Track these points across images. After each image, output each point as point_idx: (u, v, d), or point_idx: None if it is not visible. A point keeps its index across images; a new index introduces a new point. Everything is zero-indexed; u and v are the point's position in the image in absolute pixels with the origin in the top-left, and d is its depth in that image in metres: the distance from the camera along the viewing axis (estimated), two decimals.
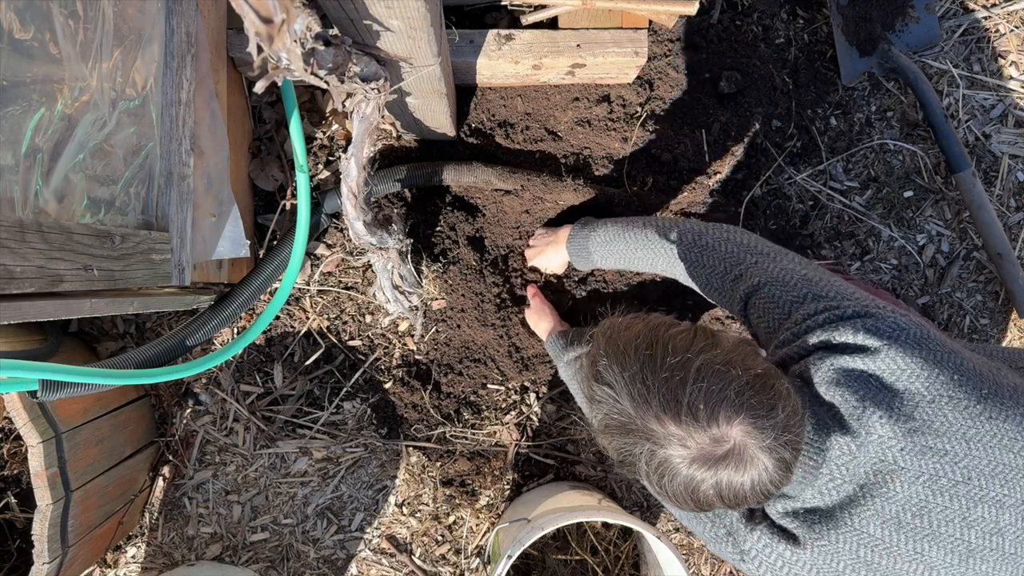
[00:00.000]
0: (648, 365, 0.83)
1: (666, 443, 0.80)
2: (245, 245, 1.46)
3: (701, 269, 1.16)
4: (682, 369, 0.81)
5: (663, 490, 0.84)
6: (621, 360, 0.86)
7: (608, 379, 0.86)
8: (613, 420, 0.86)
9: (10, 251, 0.90)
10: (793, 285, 1.02)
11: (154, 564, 1.74)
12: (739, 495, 0.81)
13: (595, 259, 1.39)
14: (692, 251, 1.18)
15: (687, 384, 0.80)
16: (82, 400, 1.43)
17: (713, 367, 0.81)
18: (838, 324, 0.93)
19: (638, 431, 0.82)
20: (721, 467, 0.79)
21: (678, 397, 0.79)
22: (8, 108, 0.95)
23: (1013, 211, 1.80)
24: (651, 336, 0.87)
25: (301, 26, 0.88)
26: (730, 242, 1.15)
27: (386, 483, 1.75)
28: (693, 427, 0.78)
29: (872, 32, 1.74)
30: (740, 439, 0.78)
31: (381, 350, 1.72)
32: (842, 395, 0.90)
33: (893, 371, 0.89)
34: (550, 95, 1.64)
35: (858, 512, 0.89)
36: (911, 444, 0.86)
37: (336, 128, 1.69)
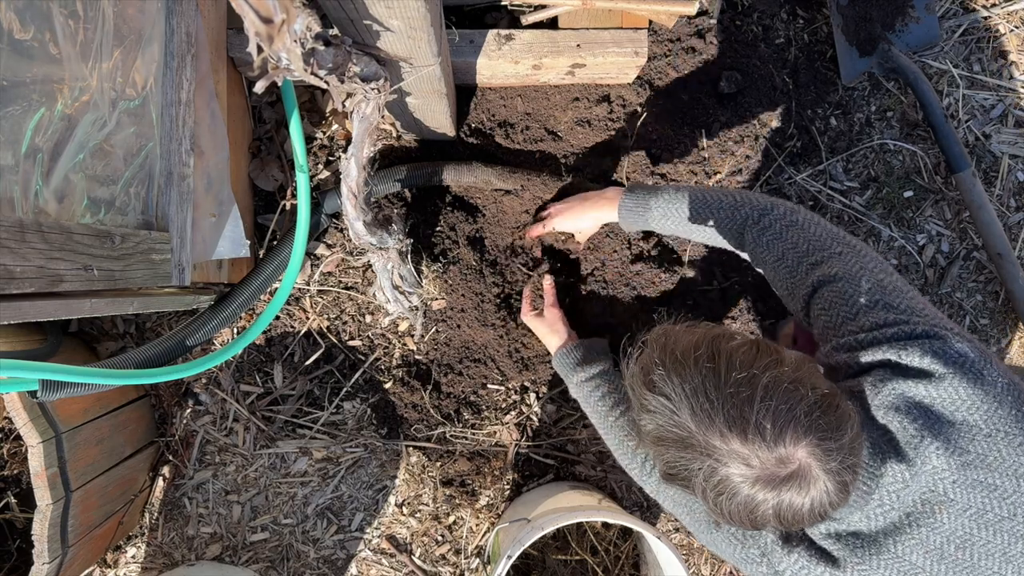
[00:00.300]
0: (711, 379, 0.81)
1: (728, 461, 0.78)
2: (245, 245, 1.46)
3: (781, 244, 1.11)
4: (749, 386, 0.79)
5: (718, 508, 0.82)
6: (680, 371, 0.84)
7: (665, 390, 0.84)
8: (669, 433, 0.83)
9: (10, 251, 0.90)
10: (868, 288, 0.99)
11: (154, 564, 1.74)
12: (797, 516, 0.80)
13: (653, 218, 1.31)
14: (779, 223, 1.13)
15: (754, 402, 0.78)
16: (82, 400, 1.43)
17: (781, 385, 0.79)
18: (906, 343, 0.92)
19: (698, 447, 0.80)
20: (784, 488, 0.78)
21: (745, 415, 0.77)
22: (8, 108, 0.95)
23: (1013, 211, 1.80)
24: (712, 348, 0.84)
25: (301, 26, 0.88)
26: (820, 225, 1.12)
27: (386, 483, 1.75)
28: (759, 446, 0.77)
29: (872, 32, 1.74)
30: (805, 460, 0.77)
31: (381, 350, 1.72)
32: (900, 422, 0.89)
33: (954, 401, 0.88)
34: (550, 95, 1.64)
35: (902, 540, 0.88)
36: (963, 477, 0.86)
37: (336, 128, 1.69)
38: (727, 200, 1.21)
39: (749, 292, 1.73)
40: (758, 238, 1.15)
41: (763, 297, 1.73)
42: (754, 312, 1.73)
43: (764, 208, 1.16)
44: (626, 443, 1.25)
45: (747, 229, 1.17)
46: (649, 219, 1.32)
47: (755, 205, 1.17)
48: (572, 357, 1.39)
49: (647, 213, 1.31)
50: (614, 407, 1.29)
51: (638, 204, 1.33)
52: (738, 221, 1.18)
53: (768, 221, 1.14)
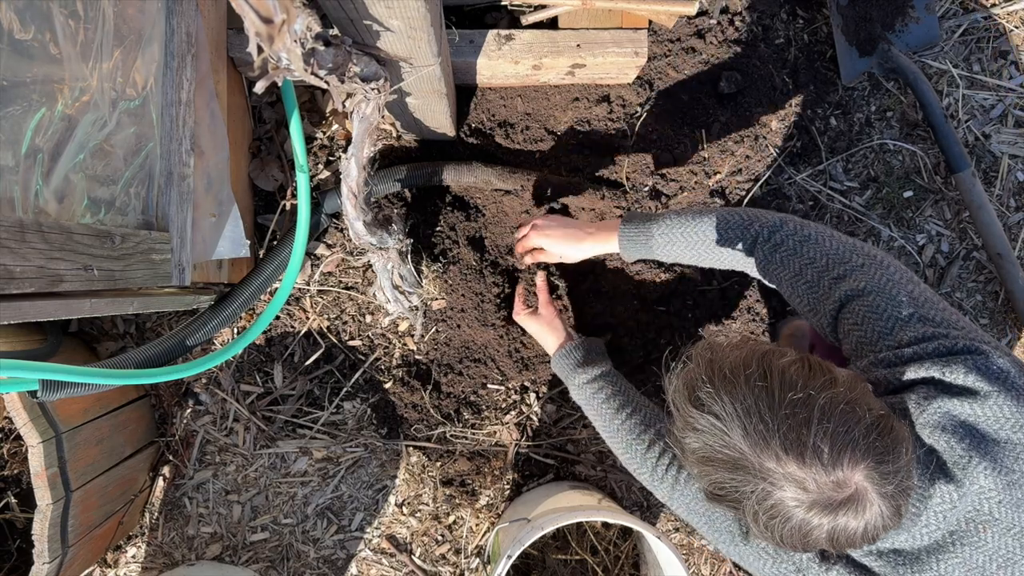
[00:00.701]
0: (764, 399, 0.78)
1: (784, 484, 0.76)
2: (245, 245, 1.46)
3: (797, 260, 1.09)
4: (805, 407, 0.77)
5: (770, 531, 0.80)
6: (730, 390, 0.81)
7: (714, 409, 0.81)
8: (719, 454, 0.81)
9: (10, 251, 0.90)
10: (900, 301, 0.97)
11: (154, 564, 1.74)
12: (851, 540, 0.78)
13: (657, 245, 1.26)
14: (791, 239, 1.10)
15: (812, 424, 0.75)
16: (82, 400, 1.43)
17: (838, 406, 0.77)
18: (949, 360, 0.90)
19: (751, 469, 0.78)
20: (840, 512, 0.76)
21: (802, 438, 0.75)
22: (8, 108, 0.95)
23: (1013, 211, 1.80)
24: (764, 366, 0.82)
25: (301, 26, 0.88)
26: (834, 238, 1.09)
27: (386, 483, 1.75)
28: (816, 470, 0.75)
29: (872, 32, 1.74)
30: (862, 484, 0.75)
31: (381, 350, 1.72)
32: (947, 442, 0.88)
33: (998, 419, 0.87)
34: (550, 95, 1.64)
35: (945, 558, 0.87)
36: (1008, 497, 0.85)
37: (336, 128, 1.69)
38: (733, 219, 1.17)
39: (749, 292, 1.73)
40: (770, 255, 1.12)
41: (763, 297, 1.73)
42: (754, 312, 1.73)
43: (774, 225, 1.13)
44: (634, 447, 1.21)
45: (758, 247, 1.14)
46: (653, 246, 1.27)
47: (764, 222, 1.14)
48: (572, 358, 1.35)
49: (650, 241, 1.27)
50: (620, 409, 1.25)
51: (640, 232, 1.28)
52: (748, 240, 1.15)
53: (780, 237, 1.11)
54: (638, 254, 1.32)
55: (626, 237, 1.30)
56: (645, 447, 1.19)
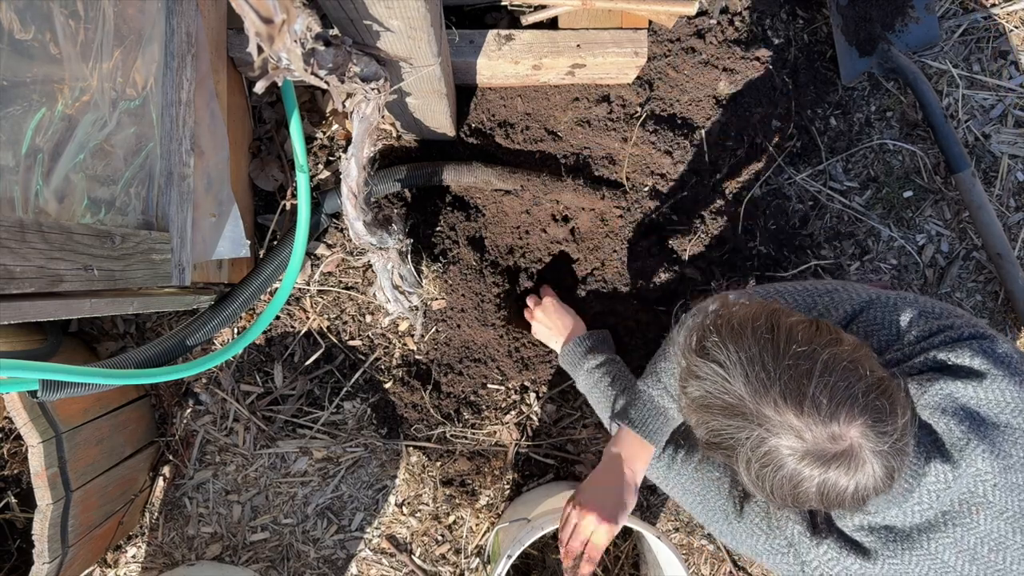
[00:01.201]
0: (769, 350, 0.80)
1: (780, 432, 0.77)
2: (245, 245, 1.46)
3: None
4: (808, 359, 0.78)
5: (760, 480, 0.81)
6: (737, 339, 0.82)
7: (719, 357, 0.82)
8: (717, 400, 0.82)
9: (10, 251, 0.90)
10: (894, 306, 0.98)
11: (154, 564, 1.74)
12: (840, 497, 0.79)
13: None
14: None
15: (813, 376, 0.77)
16: (82, 400, 1.43)
17: (840, 363, 0.78)
18: (954, 345, 0.91)
19: (750, 415, 0.79)
20: (832, 466, 0.77)
21: (802, 388, 0.76)
22: (8, 108, 0.95)
23: (1012, 211, 1.80)
24: (772, 320, 0.83)
25: (301, 26, 0.88)
26: (796, 287, 1.10)
27: (386, 483, 1.75)
28: (813, 420, 0.76)
29: (872, 32, 1.74)
30: (857, 440, 0.76)
31: (381, 350, 1.72)
32: (947, 423, 0.88)
33: (999, 403, 0.87)
34: (550, 95, 1.64)
35: (936, 537, 0.88)
36: (1004, 480, 0.86)
37: (336, 128, 1.69)
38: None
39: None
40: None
41: None
42: None
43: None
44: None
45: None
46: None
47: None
48: (583, 346, 1.41)
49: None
50: (621, 394, 1.30)
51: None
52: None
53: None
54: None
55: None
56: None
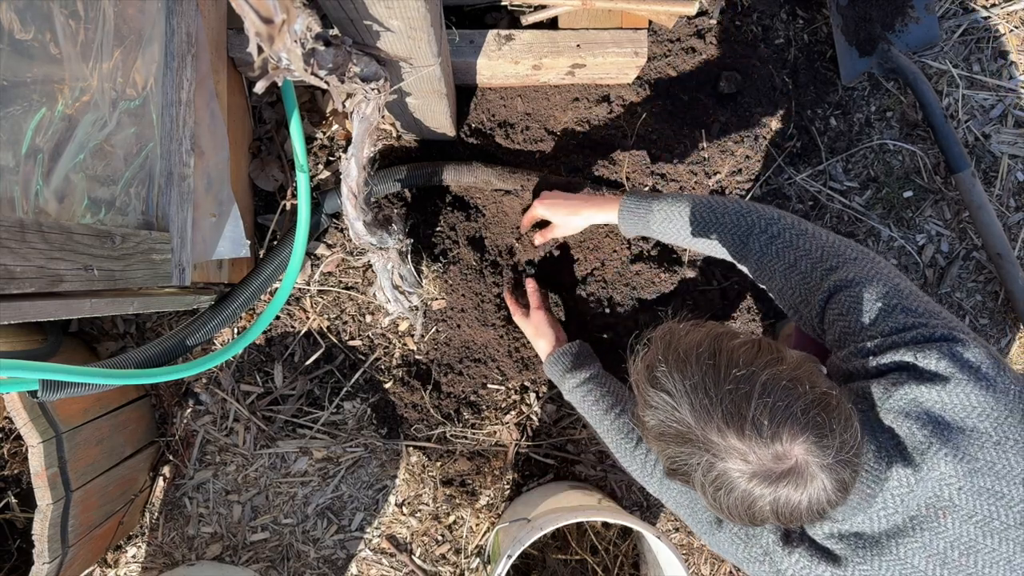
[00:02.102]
0: (711, 375, 0.82)
1: (726, 456, 0.79)
2: (245, 245, 1.46)
3: (793, 252, 1.11)
4: (747, 382, 0.80)
5: (717, 503, 0.83)
6: (682, 368, 0.85)
7: (667, 386, 0.85)
8: (670, 428, 0.85)
9: (10, 251, 0.90)
10: (885, 292, 0.99)
11: (154, 564, 1.74)
12: (795, 513, 0.80)
13: (655, 221, 1.29)
14: (789, 232, 1.13)
15: (752, 398, 0.79)
16: (82, 400, 1.43)
17: (780, 382, 0.80)
18: (924, 346, 0.92)
19: (697, 442, 0.81)
20: (781, 484, 0.78)
21: (742, 411, 0.78)
22: (8, 108, 0.95)
23: (1012, 211, 1.80)
24: (714, 345, 0.85)
25: (301, 26, 0.88)
26: (830, 234, 1.12)
27: (386, 483, 1.75)
28: (756, 442, 0.77)
29: (872, 32, 1.74)
30: (802, 457, 0.77)
31: (381, 350, 1.72)
32: (910, 427, 0.89)
33: (965, 407, 0.88)
34: (550, 95, 1.64)
35: (905, 543, 0.88)
36: (970, 484, 0.86)
37: (336, 128, 1.69)
38: (732, 207, 1.20)
39: (749, 292, 1.73)
40: (767, 246, 1.14)
41: (763, 297, 1.73)
42: (754, 312, 1.73)
43: (772, 217, 1.16)
44: (624, 445, 1.26)
45: (753, 237, 1.16)
46: (651, 222, 1.30)
47: (762, 214, 1.17)
48: (561, 364, 1.38)
49: (648, 216, 1.30)
50: (608, 410, 1.29)
51: (639, 206, 1.31)
52: (743, 228, 1.17)
53: (777, 230, 1.14)
54: (635, 230, 1.35)
55: (626, 209, 1.33)
56: (633, 445, 1.24)
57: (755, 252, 1.16)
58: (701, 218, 1.22)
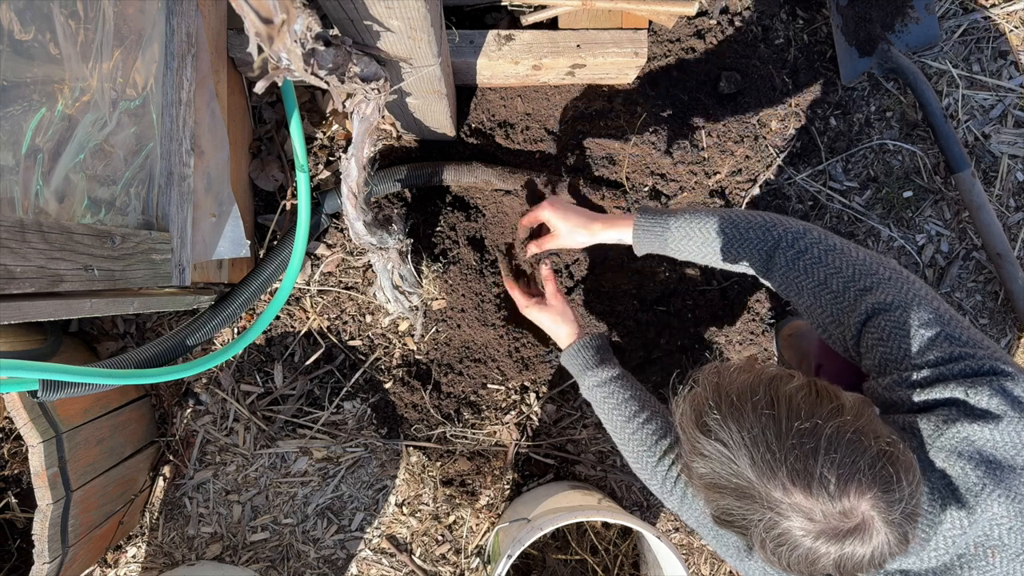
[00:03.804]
0: (772, 428, 0.79)
1: (790, 514, 0.77)
2: (245, 245, 1.46)
3: (822, 269, 1.06)
4: (812, 437, 0.77)
5: (776, 557, 0.81)
6: (738, 417, 0.81)
7: (722, 436, 0.82)
8: (727, 482, 0.82)
9: (10, 251, 0.90)
10: (927, 320, 0.96)
11: (154, 564, 1.74)
12: (858, 566, 0.79)
13: (672, 239, 1.23)
14: (816, 248, 1.08)
15: (819, 454, 0.76)
16: (82, 400, 1.43)
17: (844, 435, 0.77)
18: (974, 380, 0.90)
19: (758, 499, 0.79)
20: (847, 541, 0.76)
21: (809, 468, 0.76)
22: (8, 108, 0.95)
23: (1012, 211, 1.80)
24: (770, 392, 0.82)
25: (301, 26, 0.88)
26: (859, 250, 1.08)
27: (386, 483, 1.76)
28: (823, 500, 0.75)
29: (872, 32, 1.74)
30: (868, 513, 0.76)
31: (381, 350, 1.72)
32: (963, 468, 0.88)
33: (1016, 445, 0.87)
34: (550, 95, 1.64)
35: None
36: (1019, 524, 0.86)
37: (336, 128, 1.69)
38: (756, 221, 1.14)
39: (748, 292, 1.73)
40: (793, 262, 1.09)
41: (763, 297, 1.73)
42: (754, 312, 1.73)
43: (798, 231, 1.10)
44: (645, 457, 1.18)
45: (779, 252, 1.11)
46: (668, 240, 1.23)
47: (788, 227, 1.12)
48: (581, 357, 1.29)
49: (665, 233, 1.23)
50: (631, 418, 1.21)
51: (655, 224, 1.23)
52: (769, 243, 1.12)
53: (804, 244, 1.09)
54: (651, 247, 1.27)
55: (641, 228, 1.25)
56: (656, 459, 1.17)
57: (780, 268, 1.11)
58: (723, 234, 1.16)
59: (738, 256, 1.16)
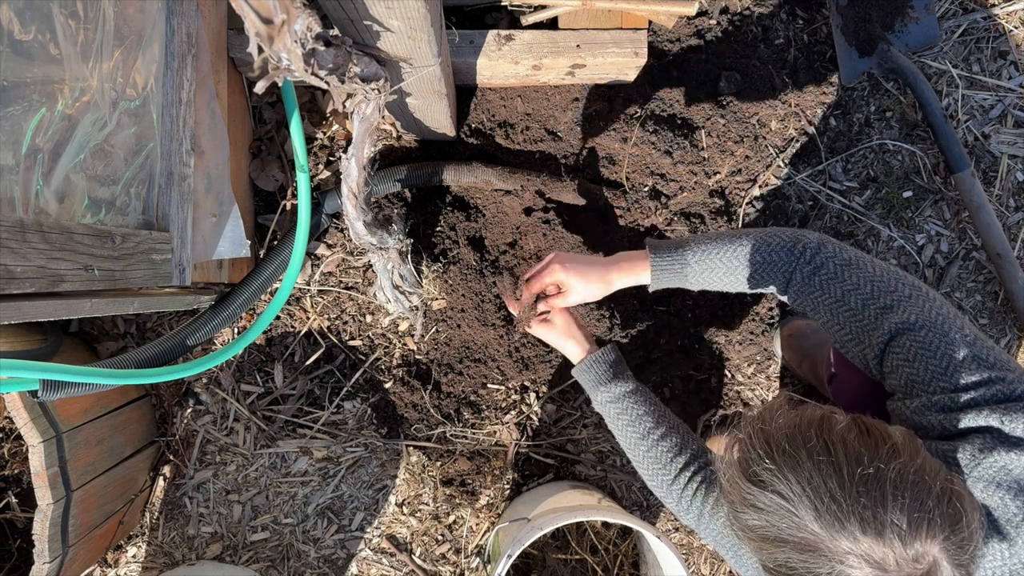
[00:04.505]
0: (834, 477, 0.77)
1: (861, 564, 0.75)
2: (245, 245, 1.46)
3: (838, 286, 1.04)
4: (877, 483, 0.75)
5: None
6: (794, 466, 0.79)
7: (779, 488, 0.79)
8: (787, 535, 0.79)
9: (11, 251, 0.90)
10: (954, 340, 0.94)
11: (154, 564, 1.74)
12: None
13: (693, 274, 1.18)
14: (832, 263, 1.05)
15: (887, 501, 0.74)
16: (82, 400, 1.43)
17: (907, 477, 0.76)
18: (1008, 407, 0.89)
19: (825, 552, 0.76)
20: None
21: (879, 517, 0.74)
22: (9, 108, 0.95)
23: (1012, 211, 1.80)
24: (823, 437, 0.80)
25: (301, 26, 0.88)
26: (875, 264, 1.05)
27: (386, 483, 1.76)
28: (894, 547, 0.74)
29: (872, 32, 1.74)
30: (937, 555, 0.74)
31: (381, 350, 1.72)
32: (1002, 498, 0.87)
33: None
34: (550, 95, 1.64)
35: None
36: None
37: (336, 128, 1.69)
38: (776, 242, 1.11)
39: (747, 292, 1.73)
40: (809, 278, 1.07)
41: (760, 298, 1.73)
42: (754, 312, 1.73)
43: (814, 245, 1.08)
44: (660, 476, 1.16)
45: (797, 268, 1.08)
46: (687, 275, 1.19)
47: (807, 242, 1.09)
48: (592, 373, 1.25)
49: (685, 269, 1.18)
50: (645, 435, 1.18)
51: (673, 261, 1.18)
52: (791, 262, 1.09)
53: (821, 260, 1.06)
54: (669, 283, 1.22)
55: (659, 268, 1.20)
56: (671, 478, 1.15)
57: (796, 284, 1.09)
58: (748, 261, 1.12)
59: (764, 281, 1.13)
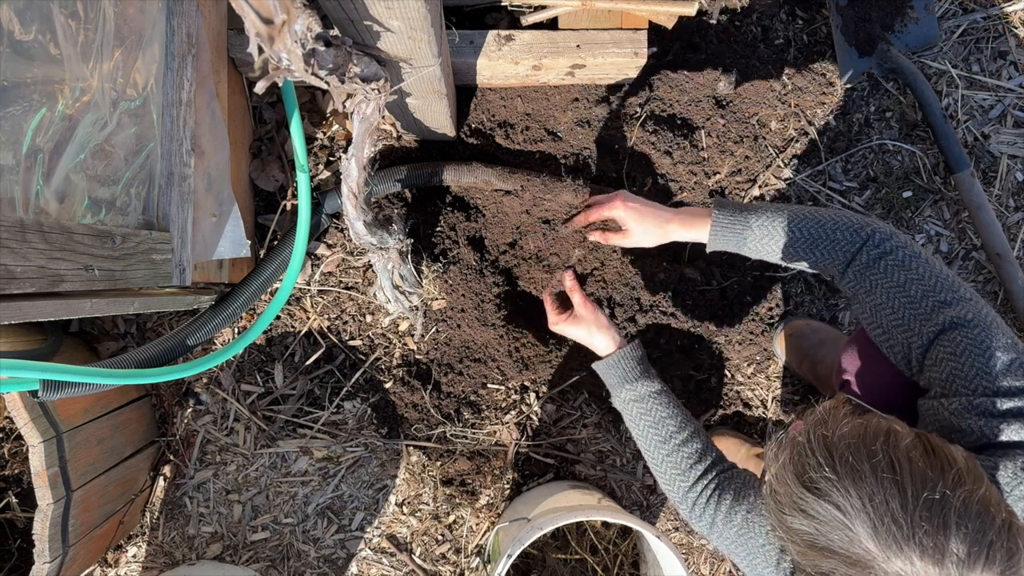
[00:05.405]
0: (897, 497, 0.76)
1: None
2: (245, 245, 1.46)
3: (903, 272, 1.04)
4: (942, 511, 0.75)
5: None
6: (856, 480, 0.78)
7: (837, 500, 0.78)
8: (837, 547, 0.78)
9: (11, 251, 0.90)
10: (1004, 343, 0.94)
11: (155, 563, 1.74)
12: None
13: (752, 238, 1.18)
14: (902, 251, 1.06)
15: (950, 529, 0.74)
16: (83, 400, 1.43)
17: (972, 507, 0.75)
18: None
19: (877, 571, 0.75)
20: None
21: (939, 544, 0.73)
22: (9, 108, 0.95)
23: (1012, 211, 1.80)
24: (888, 453, 0.79)
25: (302, 27, 0.89)
26: (942, 265, 1.06)
27: (386, 482, 1.76)
28: (952, 574, 0.73)
29: (871, 32, 1.74)
30: None
31: (381, 350, 1.72)
32: None
33: None
34: (550, 95, 1.64)
35: None
36: None
37: (336, 128, 1.69)
38: (844, 221, 1.12)
39: (748, 292, 1.73)
40: (875, 261, 1.08)
41: (760, 298, 1.73)
42: (754, 312, 1.74)
43: (886, 233, 1.09)
44: (678, 482, 1.15)
45: (864, 251, 1.09)
46: (747, 239, 1.19)
47: (877, 228, 1.10)
48: (621, 368, 1.24)
49: (745, 232, 1.18)
50: (668, 439, 1.17)
51: (735, 222, 1.19)
52: (857, 243, 1.10)
53: (891, 247, 1.08)
54: (727, 246, 1.22)
55: (720, 226, 1.20)
56: (690, 484, 1.14)
57: (859, 266, 1.09)
58: (810, 235, 1.13)
59: (823, 258, 1.14)
